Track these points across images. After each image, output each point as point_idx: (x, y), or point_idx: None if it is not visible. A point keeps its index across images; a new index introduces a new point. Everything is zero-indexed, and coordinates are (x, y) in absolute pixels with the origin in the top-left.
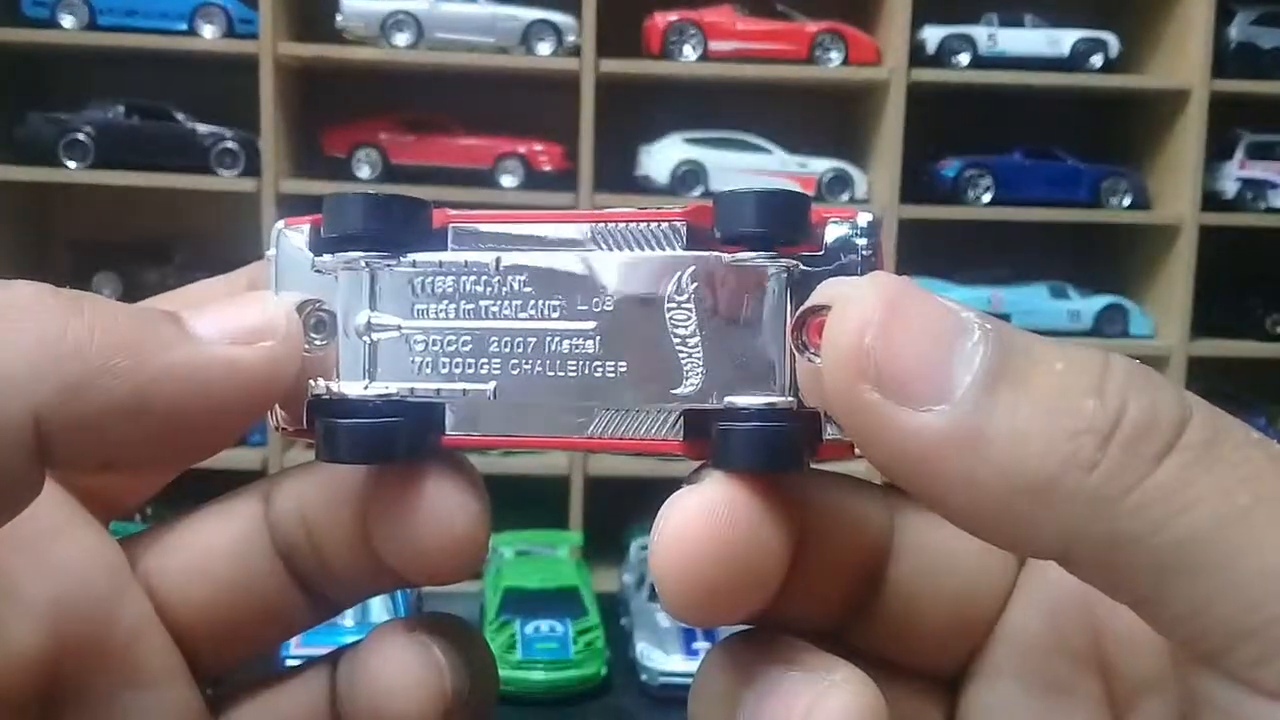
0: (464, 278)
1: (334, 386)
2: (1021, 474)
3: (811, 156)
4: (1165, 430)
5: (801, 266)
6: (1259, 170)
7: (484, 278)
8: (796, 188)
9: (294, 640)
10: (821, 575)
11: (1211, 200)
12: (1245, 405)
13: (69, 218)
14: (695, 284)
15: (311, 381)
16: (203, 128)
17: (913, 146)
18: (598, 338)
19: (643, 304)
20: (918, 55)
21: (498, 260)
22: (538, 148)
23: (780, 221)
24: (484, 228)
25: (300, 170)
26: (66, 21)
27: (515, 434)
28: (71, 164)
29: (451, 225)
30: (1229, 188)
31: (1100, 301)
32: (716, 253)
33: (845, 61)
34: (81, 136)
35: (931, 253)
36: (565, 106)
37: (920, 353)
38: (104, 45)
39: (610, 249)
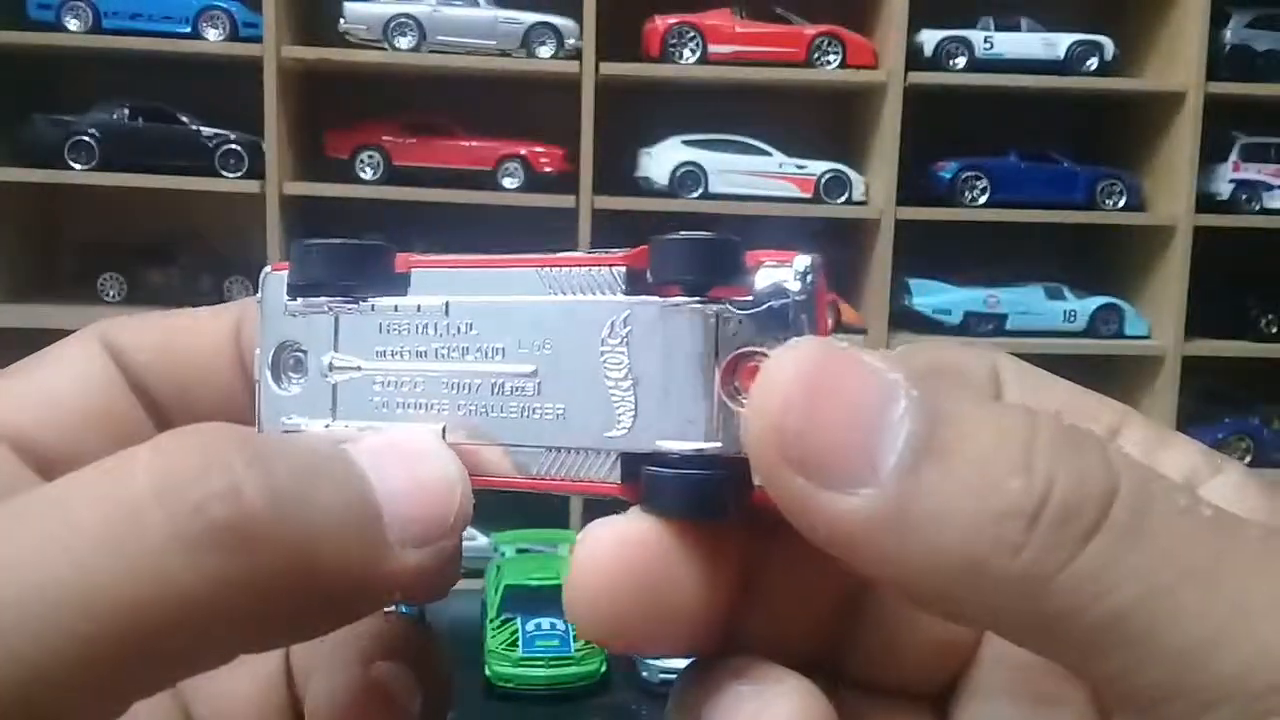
0: (418, 320)
1: (302, 424)
2: (948, 557)
3: (809, 158)
4: (1092, 509)
5: (732, 311)
6: (1253, 172)
7: (435, 321)
8: (795, 190)
9: None
10: (798, 602)
11: (1206, 202)
12: (1239, 405)
13: (74, 219)
14: (628, 328)
15: (285, 419)
16: (207, 130)
17: (910, 149)
18: (538, 380)
19: (580, 347)
20: (915, 58)
21: (446, 304)
22: (539, 150)
23: (711, 266)
24: (442, 271)
25: (303, 172)
26: (71, 24)
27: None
28: (76, 166)
29: (414, 270)
30: (1223, 189)
31: (1095, 302)
32: (650, 297)
33: (843, 64)
34: (86, 138)
35: (928, 254)
36: (566, 109)
37: (842, 435)
38: (109, 48)
39: (555, 293)
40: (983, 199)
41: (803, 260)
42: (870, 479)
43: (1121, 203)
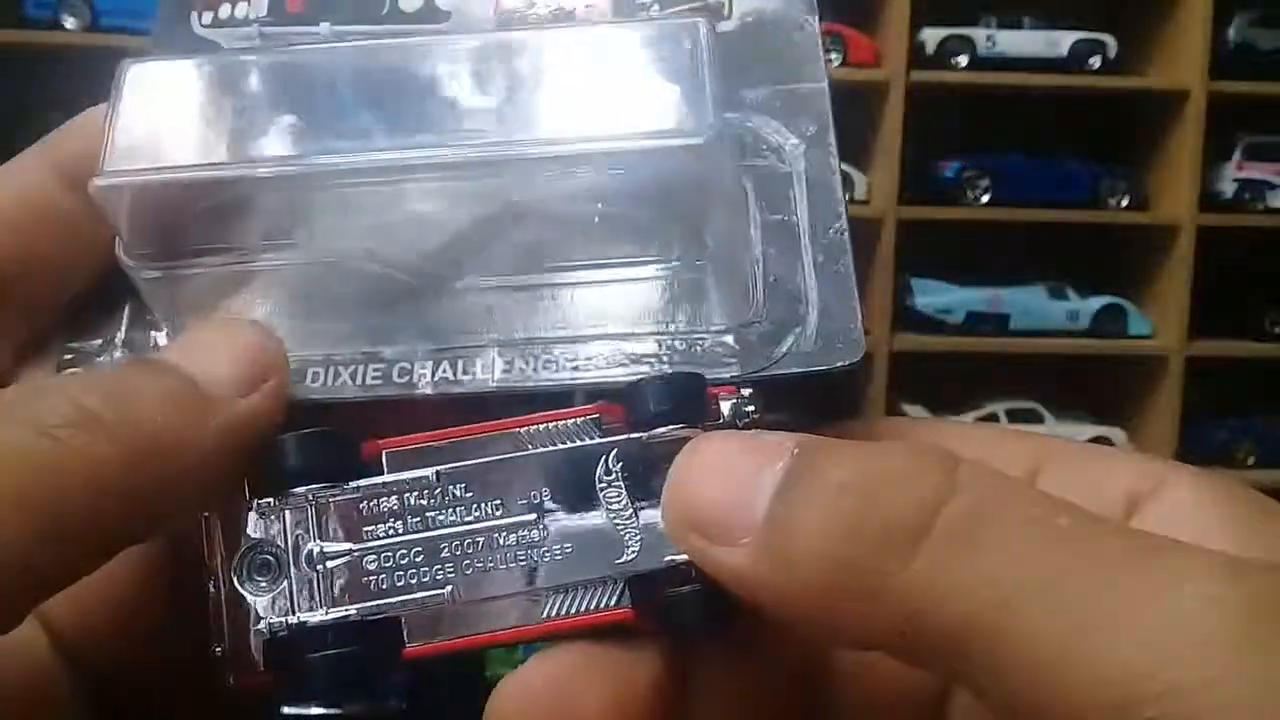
0: (407, 494)
1: (291, 620)
2: (810, 583)
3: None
4: (916, 517)
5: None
6: (1257, 171)
7: (425, 490)
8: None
9: None
10: (746, 695)
11: (1210, 201)
12: (1244, 406)
13: None
14: (620, 464)
15: (273, 619)
16: None
17: (912, 147)
18: (541, 526)
19: (578, 488)
20: (917, 57)
21: (437, 473)
22: None
23: (685, 398)
24: (415, 448)
25: None
26: (69, 23)
27: (474, 632)
28: None
29: (385, 452)
30: (1227, 188)
31: (1098, 302)
32: (634, 434)
33: (845, 63)
34: None
35: (930, 253)
36: None
37: (722, 495)
38: (106, 46)
39: (537, 447)
40: (985, 198)
41: (746, 390)
42: (748, 529)
43: (1125, 202)
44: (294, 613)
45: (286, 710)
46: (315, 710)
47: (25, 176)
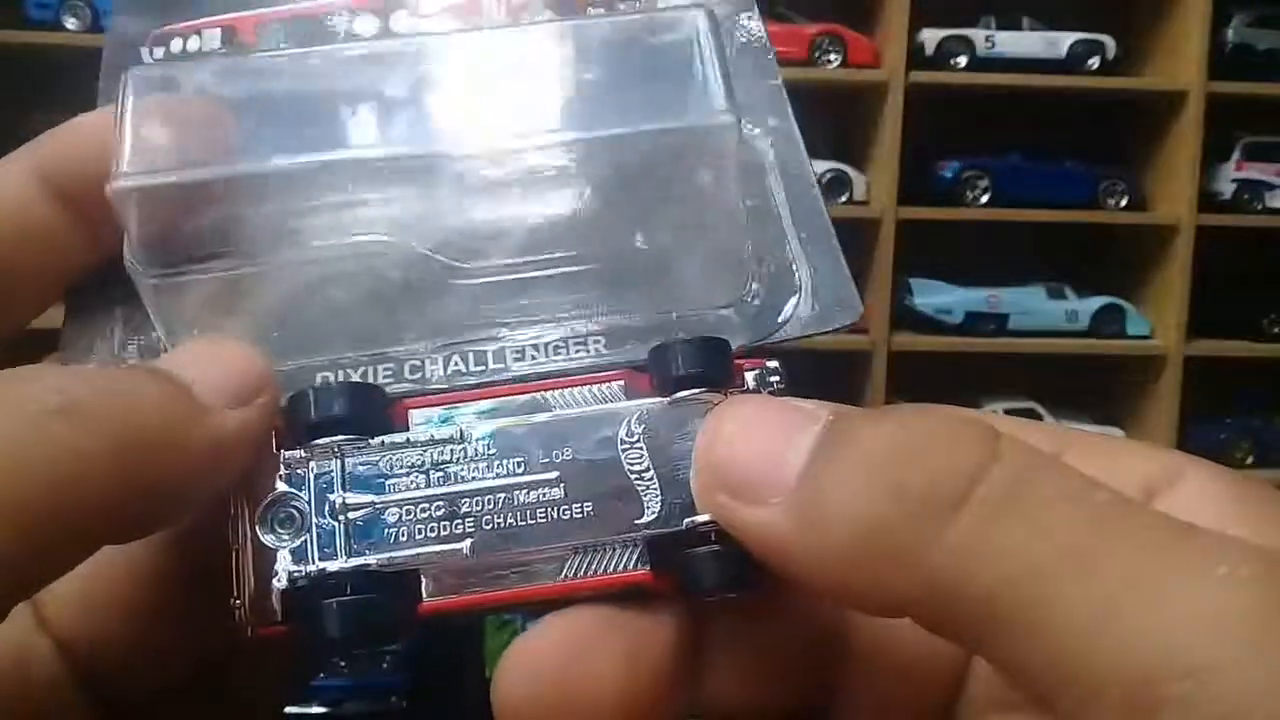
0: (431, 449)
1: (311, 569)
2: (842, 542)
3: (810, 158)
4: (956, 482)
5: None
6: (1256, 171)
7: (449, 447)
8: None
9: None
10: (762, 662)
11: (1208, 201)
12: (1242, 405)
13: None
14: (642, 426)
15: (292, 568)
16: None
17: (911, 148)
18: (563, 485)
19: (599, 449)
20: (916, 57)
21: (461, 430)
22: None
23: (709, 364)
24: (442, 411)
25: None
26: (70, 23)
27: (492, 590)
28: None
29: (410, 409)
30: (1226, 189)
31: (1097, 302)
32: (657, 398)
33: (844, 63)
34: None
35: (930, 254)
36: None
37: (757, 455)
38: None
39: (561, 410)
40: (984, 198)
41: (772, 363)
42: (781, 490)
43: (1124, 202)
44: (314, 562)
45: (289, 710)
46: (316, 710)
47: (6, 183)
